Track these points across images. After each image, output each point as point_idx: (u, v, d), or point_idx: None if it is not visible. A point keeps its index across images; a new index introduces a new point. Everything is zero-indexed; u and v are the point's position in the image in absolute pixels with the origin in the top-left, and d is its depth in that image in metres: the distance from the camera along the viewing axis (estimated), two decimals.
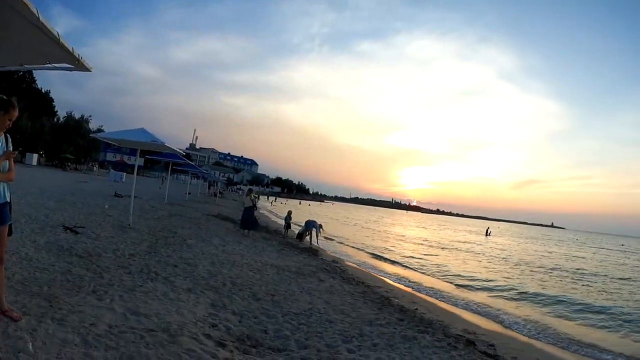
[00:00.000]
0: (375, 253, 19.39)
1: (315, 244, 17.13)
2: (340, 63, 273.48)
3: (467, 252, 27.12)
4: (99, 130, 60.41)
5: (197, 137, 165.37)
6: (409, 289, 11.59)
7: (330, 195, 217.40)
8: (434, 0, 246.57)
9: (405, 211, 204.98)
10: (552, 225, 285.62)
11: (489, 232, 57.41)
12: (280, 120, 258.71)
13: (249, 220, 15.17)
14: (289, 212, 19.93)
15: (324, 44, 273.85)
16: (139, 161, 14.84)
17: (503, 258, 24.70)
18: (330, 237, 22.47)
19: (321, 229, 18.19)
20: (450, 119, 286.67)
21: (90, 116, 71.27)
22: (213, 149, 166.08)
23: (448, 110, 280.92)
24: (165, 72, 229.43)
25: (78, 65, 3.52)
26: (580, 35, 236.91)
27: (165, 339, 3.87)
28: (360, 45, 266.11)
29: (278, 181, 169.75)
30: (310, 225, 17.79)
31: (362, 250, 20.34)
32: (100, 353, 3.32)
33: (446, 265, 17.89)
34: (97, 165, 71.00)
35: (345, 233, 29.60)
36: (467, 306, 10.44)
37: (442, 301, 10.66)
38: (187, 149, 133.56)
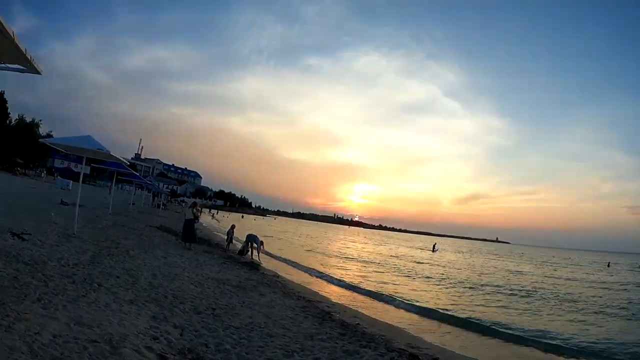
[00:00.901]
0: (316, 268, 19.47)
1: (257, 258, 17.13)
2: (287, 76, 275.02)
3: (414, 268, 27.49)
4: (49, 136, 58.07)
5: (142, 147, 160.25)
6: (351, 304, 11.70)
7: (272, 210, 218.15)
8: (384, 16, 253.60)
9: (348, 226, 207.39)
10: (497, 240, 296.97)
11: (436, 248, 57.36)
12: (224, 132, 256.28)
13: (190, 233, 15.11)
14: (232, 226, 19.93)
15: (271, 57, 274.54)
16: (85, 169, 14.46)
17: (449, 277, 24.44)
18: (271, 252, 22.48)
19: (262, 246, 18.05)
20: (395, 135, 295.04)
21: (40, 120, 68.41)
22: (158, 159, 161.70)
23: (392, 126, 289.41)
24: (115, 78, 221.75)
25: (29, 67, 3.55)
26: (528, 52, 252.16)
27: (107, 350, 3.95)
28: (308, 59, 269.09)
29: (221, 194, 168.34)
30: (251, 239, 17.71)
31: (304, 265, 20.35)
32: None
33: (390, 282, 18.15)
34: (45, 172, 67.48)
35: (287, 248, 29.70)
36: (410, 323, 10.48)
37: (385, 315, 10.79)
38: (132, 158, 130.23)
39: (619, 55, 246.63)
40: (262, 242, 18.10)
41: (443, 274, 24.09)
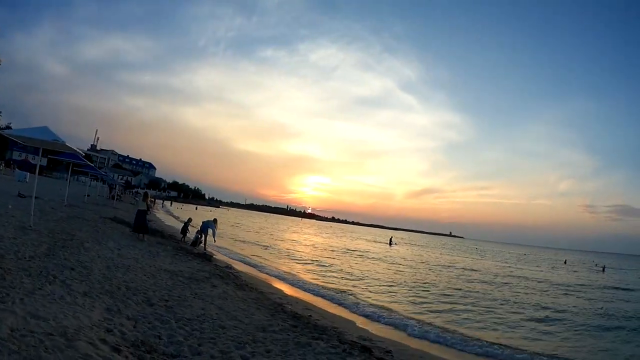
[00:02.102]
0: (269, 260, 19.88)
1: (213, 243, 17.48)
2: (244, 68, 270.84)
3: (370, 259, 28.42)
4: (8, 127, 55.21)
5: (98, 138, 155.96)
6: (303, 296, 12.06)
7: (225, 201, 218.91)
8: (343, 9, 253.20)
9: (300, 218, 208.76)
10: (450, 235, 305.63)
11: (392, 241, 58.68)
12: (179, 124, 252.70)
13: (142, 224, 15.17)
14: (189, 219, 20.19)
15: (228, 48, 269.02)
16: (41, 161, 14.13)
17: (409, 267, 25.89)
18: (224, 244, 22.65)
19: (216, 225, 17.97)
20: (349, 128, 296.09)
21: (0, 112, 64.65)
22: (113, 150, 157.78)
23: (348, 119, 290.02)
24: (73, 69, 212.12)
25: None
26: (488, 49, 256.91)
27: (63, 344, 4.08)
28: (265, 51, 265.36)
29: (175, 185, 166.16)
30: (205, 227, 17.73)
31: (257, 256, 20.73)
32: (4, 357, 3.52)
33: (345, 274, 18.75)
34: (3, 164, 64.40)
35: (240, 239, 30.00)
36: (363, 313, 10.76)
37: (338, 308, 11.08)
38: (88, 150, 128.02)
39: (579, 55, 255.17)
40: (215, 220, 18.19)
41: (401, 271, 24.39)
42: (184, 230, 19.36)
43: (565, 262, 58.88)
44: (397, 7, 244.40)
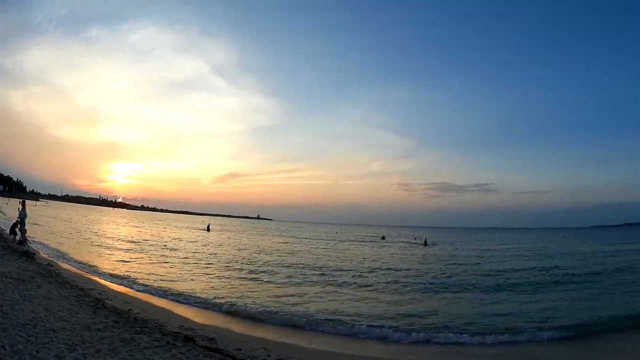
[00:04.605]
0: (83, 255, 18.95)
1: (28, 245, 16.56)
2: (69, 48, 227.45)
3: (188, 247, 28.65)
4: None
5: None
6: (121, 288, 11.75)
7: (44, 194, 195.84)
8: None
9: (112, 208, 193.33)
10: (258, 217, 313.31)
11: (210, 228, 59.54)
12: (2, 110, 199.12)
13: None
14: (18, 218, 18.13)
15: (59, 26, 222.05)
16: None
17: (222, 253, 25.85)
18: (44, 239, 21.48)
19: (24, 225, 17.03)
20: (160, 112, 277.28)
21: None
22: None
23: (159, 103, 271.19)
24: None
25: None
26: (301, 32, 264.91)
27: None
28: (90, 30, 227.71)
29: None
30: (17, 224, 17.17)
31: (75, 251, 19.86)
32: None
33: (158, 264, 18.63)
34: None
35: (57, 235, 27.92)
36: (181, 300, 10.96)
37: (155, 298, 11.07)
38: None
39: (392, 40, 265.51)
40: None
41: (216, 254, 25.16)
42: (13, 229, 18.32)
43: (383, 238, 59.81)
44: None
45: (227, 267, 19.39)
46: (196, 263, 20.07)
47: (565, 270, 21.02)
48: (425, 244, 47.53)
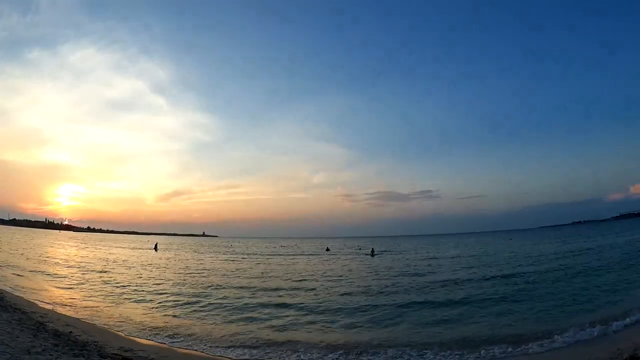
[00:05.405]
0: (25, 279, 18.61)
1: None
2: (10, 72, 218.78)
3: (134, 267, 28.10)
4: None
5: None
6: (63, 311, 11.75)
7: None
8: (110, 9, 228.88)
9: (59, 231, 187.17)
10: (204, 234, 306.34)
11: (157, 247, 58.91)
12: None
13: None
14: None
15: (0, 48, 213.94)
16: None
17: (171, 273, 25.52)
18: None
19: None
20: (100, 133, 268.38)
21: None
22: None
23: (98, 123, 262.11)
24: None
25: None
26: (240, 50, 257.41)
27: None
28: (31, 52, 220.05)
29: None
30: None
31: (18, 275, 19.47)
32: None
33: (108, 285, 18.63)
34: None
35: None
36: (122, 323, 10.86)
37: (97, 320, 10.98)
38: None
39: (333, 49, 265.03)
40: None
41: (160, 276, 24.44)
42: None
43: (327, 250, 58.78)
44: (158, 7, 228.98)
45: (170, 291, 18.30)
46: (140, 285, 19.65)
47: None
48: (373, 254, 45.85)
